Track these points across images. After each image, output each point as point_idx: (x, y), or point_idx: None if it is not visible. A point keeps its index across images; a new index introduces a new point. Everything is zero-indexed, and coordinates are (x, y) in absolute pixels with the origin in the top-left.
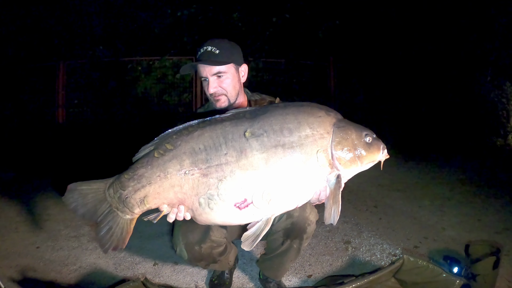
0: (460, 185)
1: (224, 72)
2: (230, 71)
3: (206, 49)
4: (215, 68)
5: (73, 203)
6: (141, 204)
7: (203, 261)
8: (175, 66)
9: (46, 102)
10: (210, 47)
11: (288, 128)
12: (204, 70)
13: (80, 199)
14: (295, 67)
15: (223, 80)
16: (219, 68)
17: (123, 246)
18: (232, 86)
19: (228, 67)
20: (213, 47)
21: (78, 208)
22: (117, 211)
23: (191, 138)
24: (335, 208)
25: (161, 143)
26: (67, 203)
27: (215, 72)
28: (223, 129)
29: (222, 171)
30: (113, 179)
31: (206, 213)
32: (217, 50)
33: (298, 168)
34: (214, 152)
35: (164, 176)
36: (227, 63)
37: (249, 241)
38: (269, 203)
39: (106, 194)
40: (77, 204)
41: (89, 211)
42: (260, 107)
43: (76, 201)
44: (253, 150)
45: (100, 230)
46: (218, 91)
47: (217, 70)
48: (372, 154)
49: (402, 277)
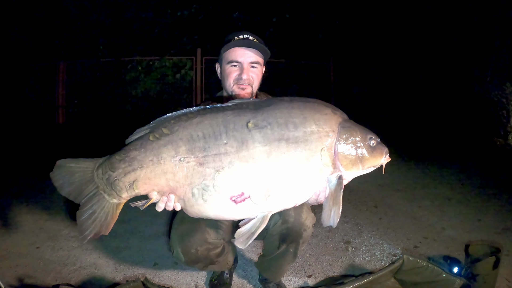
0: (460, 185)
1: (259, 63)
2: (262, 65)
3: (248, 37)
4: (255, 56)
5: (60, 180)
6: (130, 188)
7: (200, 263)
8: (175, 66)
9: (46, 102)
10: (251, 36)
11: (293, 122)
12: (243, 55)
13: (67, 176)
14: (295, 67)
15: (255, 71)
16: (258, 58)
17: (106, 232)
18: (258, 80)
19: (262, 61)
20: (254, 37)
21: (64, 186)
22: (103, 194)
23: (190, 125)
24: (335, 209)
25: (157, 127)
26: (54, 180)
27: (253, 60)
28: (224, 117)
29: (220, 161)
30: (104, 159)
31: (199, 204)
32: (258, 42)
33: (301, 164)
34: (213, 140)
35: (157, 161)
36: (265, 56)
37: (243, 238)
38: (267, 199)
39: (94, 174)
40: (63, 181)
41: (74, 190)
42: (264, 99)
43: (62, 178)
44: (255, 142)
45: (82, 214)
46: (249, 79)
47: (256, 59)
48: (374, 158)
49: (402, 277)
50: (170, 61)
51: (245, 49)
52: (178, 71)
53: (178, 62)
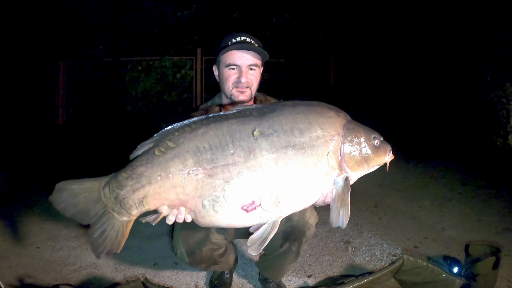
0: (460, 185)
1: (258, 66)
2: (260, 67)
3: (245, 39)
4: (253, 59)
5: (62, 203)
6: (140, 205)
7: (204, 263)
8: (175, 66)
9: (46, 102)
10: (249, 38)
11: (299, 128)
12: (241, 58)
13: (70, 199)
14: (295, 67)
15: (253, 73)
16: (256, 61)
17: (117, 250)
18: (257, 82)
19: (260, 63)
20: (252, 39)
21: (67, 208)
22: (112, 213)
23: (195, 136)
24: (343, 211)
25: (161, 140)
26: (55, 203)
27: (252, 63)
28: (229, 127)
29: (229, 172)
30: (109, 177)
31: (210, 215)
32: (256, 44)
33: (308, 170)
34: (220, 151)
35: (166, 176)
36: (263, 58)
37: (256, 245)
38: (277, 205)
39: (101, 193)
40: (66, 204)
41: (80, 212)
42: (267, 105)
43: (65, 201)
44: (262, 150)
45: (93, 233)
46: (247, 82)
47: (254, 62)
48: (379, 157)
49: (402, 277)
50: (170, 61)
51: (243, 52)
52: (178, 71)
53: (178, 62)
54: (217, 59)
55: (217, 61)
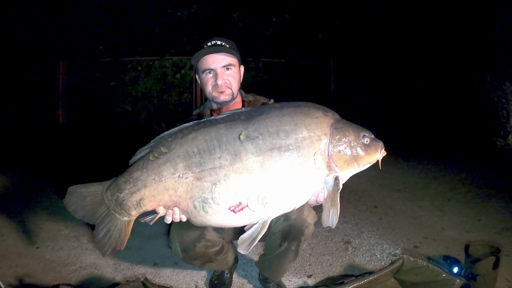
0: (460, 185)
1: (233, 65)
2: (237, 66)
3: (216, 43)
4: (226, 59)
5: (73, 205)
6: (138, 206)
7: (198, 260)
8: (175, 66)
9: (46, 102)
10: (220, 41)
11: (285, 130)
12: (214, 61)
13: (79, 201)
14: (295, 67)
15: (231, 73)
16: (230, 60)
17: (121, 247)
18: (236, 81)
19: (236, 61)
20: (222, 41)
21: (77, 210)
22: (114, 213)
23: (185, 141)
24: (333, 210)
25: (156, 146)
26: (67, 205)
27: (226, 64)
28: (217, 131)
29: (216, 174)
30: (110, 182)
31: (201, 216)
32: (227, 45)
33: (294, 171)
34: (208, 155)
35: (159, 179)
36: (237, 57)
37: (246, 244)
38: (265, 206)
39: (104, 196)
40: (76, 206)
41: (87, 213)
42: (255, 108)
43: (75, 203)
44: (248, 154)
45: (99, 233)
46: (225, 83)
47: (228, 62)
48: (369, 155)
49: (402, 277)
50: (170, 61)
51: (215, 55)
52: (178, 71)
53: (178, 62)
54: (195, 68)
55: (196, 70)
